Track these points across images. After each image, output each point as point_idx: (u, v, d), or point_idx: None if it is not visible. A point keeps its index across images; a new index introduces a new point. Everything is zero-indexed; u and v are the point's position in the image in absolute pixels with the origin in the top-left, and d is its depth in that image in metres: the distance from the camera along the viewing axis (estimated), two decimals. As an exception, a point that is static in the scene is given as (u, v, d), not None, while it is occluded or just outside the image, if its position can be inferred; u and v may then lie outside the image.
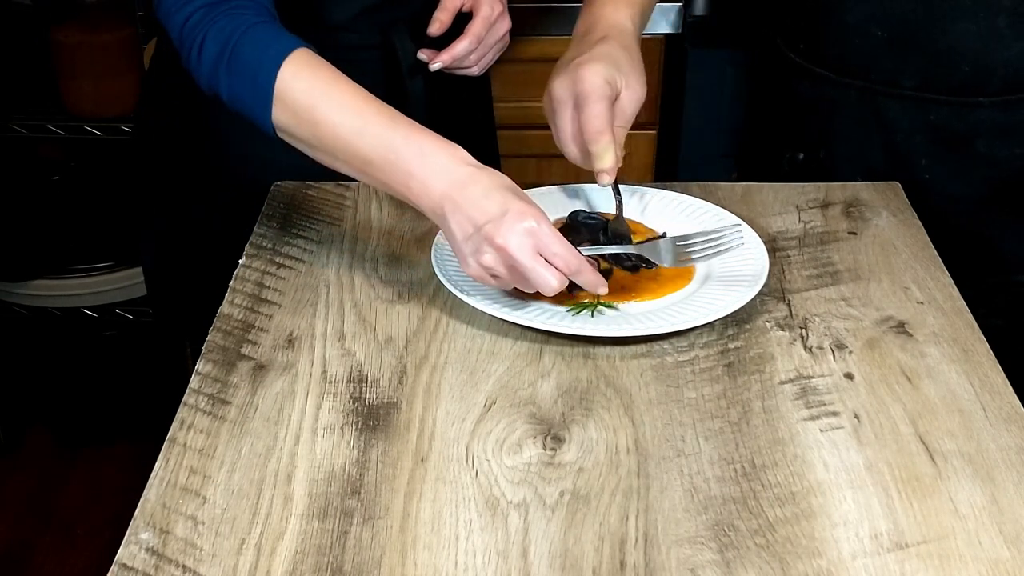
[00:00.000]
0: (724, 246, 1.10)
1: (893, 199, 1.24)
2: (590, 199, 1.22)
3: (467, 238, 0.98)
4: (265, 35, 1.05)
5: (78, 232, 2.35)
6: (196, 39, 1.05)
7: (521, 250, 0.96)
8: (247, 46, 1.04)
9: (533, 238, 0.96)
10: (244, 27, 1.05)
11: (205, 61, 1.05)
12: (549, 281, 0.97)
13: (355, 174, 1.05)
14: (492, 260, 0.98)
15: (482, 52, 1.28)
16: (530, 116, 1.89)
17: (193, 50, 1.06)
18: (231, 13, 1.05)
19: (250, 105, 1.05)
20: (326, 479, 0.87)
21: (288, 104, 1.03)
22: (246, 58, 1.04)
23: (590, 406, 0.95)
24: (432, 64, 1.25)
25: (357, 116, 1.02)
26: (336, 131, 1.02)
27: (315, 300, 1.09)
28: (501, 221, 0.96)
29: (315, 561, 0.80)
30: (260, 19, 1.06)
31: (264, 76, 1.03)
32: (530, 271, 0.97)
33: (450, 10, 1.26)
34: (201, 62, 1.06)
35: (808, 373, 0.98)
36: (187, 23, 1.06)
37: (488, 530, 0.82)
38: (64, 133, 2.23)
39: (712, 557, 0.80)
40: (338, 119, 1.02)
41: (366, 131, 1.02)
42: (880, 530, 0.82)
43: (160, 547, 0.81)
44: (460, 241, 0.99)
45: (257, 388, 0.97)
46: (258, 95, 1.04)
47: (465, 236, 0.99)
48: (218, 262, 1.17)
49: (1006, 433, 0.91)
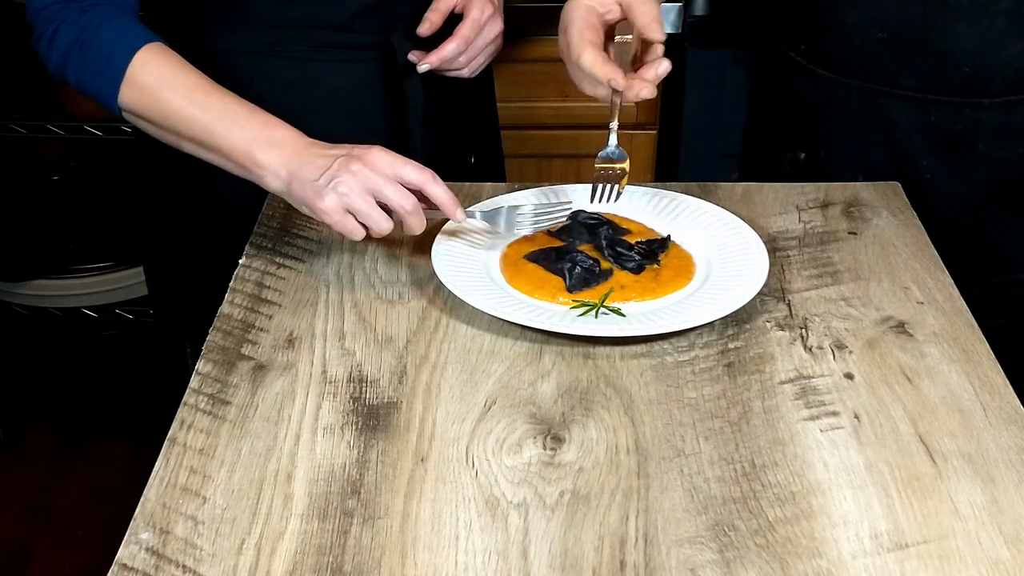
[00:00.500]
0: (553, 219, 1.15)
1: (893, 199, 1.24)
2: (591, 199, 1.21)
3: (322, 172, 1.05)
4: (121, 26, 1.13)
5: (78, 232, 2.35)
6: (48, 28, 1.13)
7: (379, 163, 1.04)
8: (103, 33, 1.12)
9: (391, 156, 1.06)
10: (99, 20, 1.12)
11: (56, 48, 1.13)
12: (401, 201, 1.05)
13: (199, 151, 1.12)
14: (349, 184, 1.04)
15: (472, 54, 1.28)
16: (531, 116, 1.90)
17: (45, 37, 1.14)
18: (86, 11, 1.13)
19: (97, 86, 1.12)
20: (326, 479, 0.87)
21: (137, 85, 1.11)
22: (100, 44, 1.12)
23: (590, 406, 0.95)
24: (420, 65, 1.25)
25: (204, 95, 1.11)
26: (182, 107, 1.10)
27: (315, 300, 1.09)
28: (355, 150, 1.06)
29: (315, 561, 0.80)
30: (116, 13, 1.14)
31: (116, 60, 1.11)
32: (384, 186, 1.04)
33: (441, 11, 1.26)
34: (52, 49, 1.14)
35: (808, 373, 0.98)
36: (44, 11, 1.14)
37: (488, 530, 0.82)
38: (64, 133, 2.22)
39: (712, 557, 0.80)
40: (184, 96, 1.10)
41: (211, 105, 1.10)
42: (880, 530, 0.82)
43: (160, 547, 0.81)
44: (313, 180, 1.05)
45: (257, 388, 0.97)
46: (106, 77, 1.11)
47: (320, 172, 1.05)
48: (218, 262, 1.17)
49: (1006, 433, 0.91)
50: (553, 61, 1.15)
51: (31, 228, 2.35)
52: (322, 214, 1.05)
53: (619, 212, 1.18)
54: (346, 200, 1.04)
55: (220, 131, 1.09)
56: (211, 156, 1.11)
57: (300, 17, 1.24)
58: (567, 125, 1.89)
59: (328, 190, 1.04)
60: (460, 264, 1.10)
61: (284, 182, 1.07)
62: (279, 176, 1.07)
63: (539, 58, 1.82)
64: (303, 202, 1.07)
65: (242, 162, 1.09)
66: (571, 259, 1.08)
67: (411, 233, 1.08)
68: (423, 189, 1.07)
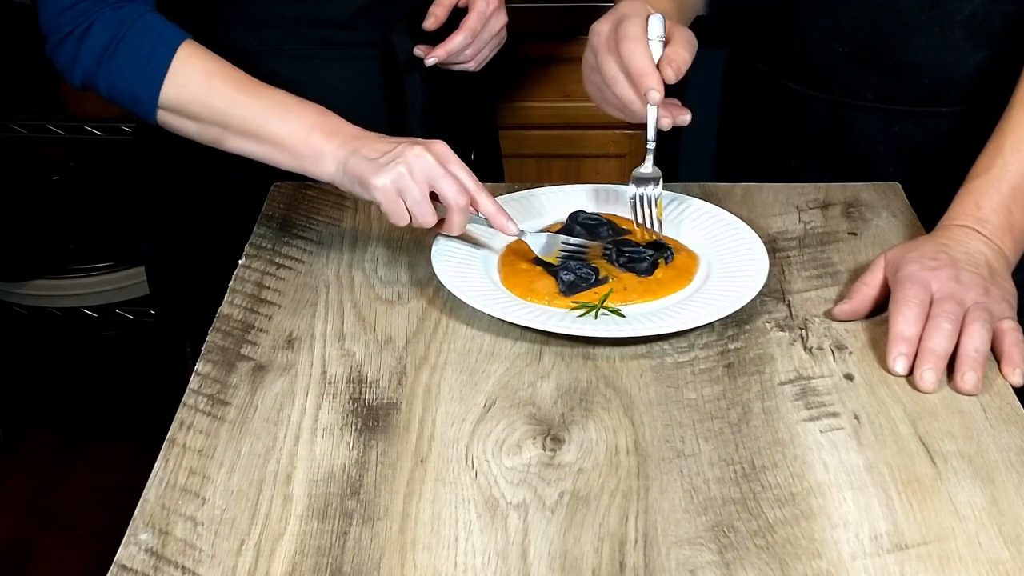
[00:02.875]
0: None
1: (893, 199, 1.24)
2: (590, 199, 1.21)
3: (384, 153, 1.05)
4: (159, 24, 1.12)
5: (78, 232, 2.35)
6: (79, 26, 1.10)
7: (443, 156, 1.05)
8: (141, 31, 1.10)
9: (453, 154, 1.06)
10: (135, 16, 1.11)
11: (88, 48, 1.10)
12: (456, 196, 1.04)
13: (246, 143, 1.11)
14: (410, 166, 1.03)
15: (478, 47, 1.28)
16: (530, 116, 1.90)
17: (72, 36, 1.11)
18: (119, 8, 1.11)
19: (137, 84, 1.11)
20: (325, 480, 0.87)
21: (181, 80, 1.10)
22: (140, 42, 1.10)
23: (590, 407, 0.95)
24: (427, 59, 1.26)
25: (254, 87, 1.11)
26: (234, 99, 1.09)
27: (315, 300, 1.09)
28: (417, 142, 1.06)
29: (314, 562, 0.80)
30: (148, 11, 1.12)
31: (160, 57, 1.09)
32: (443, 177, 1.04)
33: (445, 5, 1.27)
34: (82, 49, 1.10)
35: (808, 374, 0.98)
36: (72, 9, 1.10)
37: (488, 531, 0.82)
38: (64, 133, 2.23)
39: (712, 558, 0.80)
40: (234, 88, 1.10)
41: (262, 96, 1.10)
42: (880, 531, 0.82)
43: (159, 548, 0.81)
44: (373, 159, 1.05)
45: (257, 389, 0.97)
46: (148, 75, 1.10)
47: (381, 153, 1.05)
48: (220, 262, 1.17)
49: (1006, 434, 0.91)
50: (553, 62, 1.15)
51: (31, 228, 2.35)
52: (375, 191, 1.04)
53: (619, 212, 1.18)
54: (402, 182, 1.04)
55: (274, 120, 1.09)
56: (260, 148, 1.11)
57: (300, 15, 1.24)
58: (567, 125, 1.88)
59: (387, 168, 1.04)
60: (460, 264, 1.10)
61: (341, 162, 1.06)
62: (337, 157, 1.07)
63: (538, 58, 1.82)
64: (358, 179, 1.06)
65: (298, 148, 1.08)
66: (565, 265, 1.08)
67: (450, 232, 1.08)
68: (474, 197, 1.07)
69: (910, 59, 1.24)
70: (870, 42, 1.26)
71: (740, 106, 1.49)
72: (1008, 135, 1.09)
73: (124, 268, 2.31)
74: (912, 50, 1.24)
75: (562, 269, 1.07)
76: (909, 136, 1.29)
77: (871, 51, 1.26)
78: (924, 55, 1.24)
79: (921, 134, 1.28)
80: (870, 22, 1.24)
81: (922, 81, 1.25)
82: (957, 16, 1.21)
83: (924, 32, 1.22)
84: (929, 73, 1.25)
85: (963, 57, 1.23)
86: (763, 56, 1.38)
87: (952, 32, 1.22)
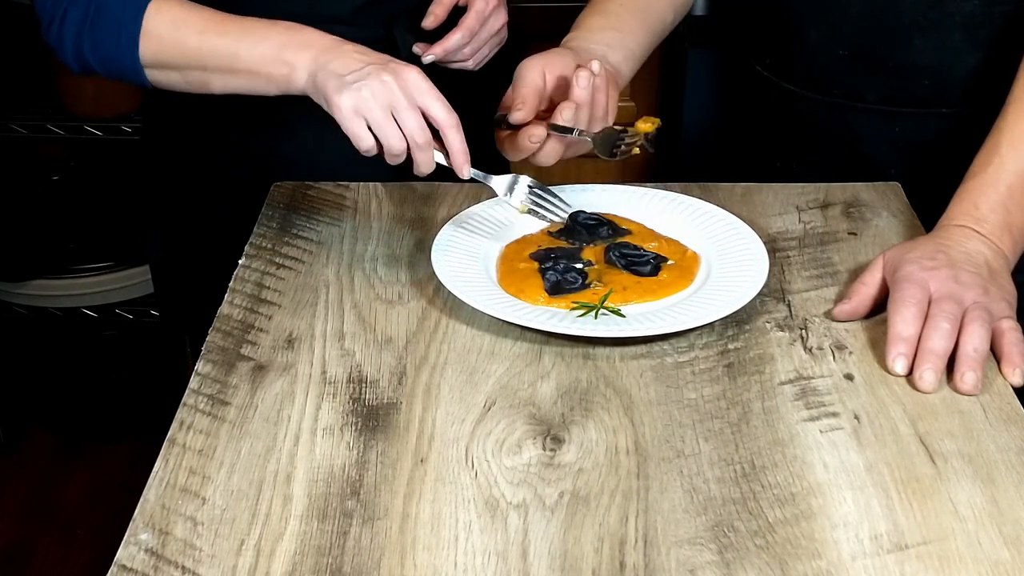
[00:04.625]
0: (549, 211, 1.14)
1: (893, 199, 1.24)
2: (590, 199, 1.21)
3: (351, 71, 1.02)
4: None
5: (78, 232, 2.35)
6: (58, 12, 1.11)
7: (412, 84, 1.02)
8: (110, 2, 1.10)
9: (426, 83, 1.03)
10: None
11: (68, 31, 1.11)
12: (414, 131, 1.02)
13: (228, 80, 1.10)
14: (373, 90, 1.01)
15: (476, 46, 1.28)
16: (530, 116, 1.89)
17: (55, 21, 1.12)
18: None
19: (116, 53, 1.10)
20: (325, 480, 0.87)
21: (153, 35, 1.09)
22: (110, 12, 1.10)
23: (590, 407, 0.95)
24: (425, 57, 1.25)
25: (220, 23, 1.09)
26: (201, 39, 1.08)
27: (315, 300, 1.09)
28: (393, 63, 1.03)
29: (314, 562, 0.80)
30: None
31: (129, 20, 1.09)
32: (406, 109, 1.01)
33: (445, 4, 1.27)
34: (64, 33, 1.11)
35: (808, 374, 0.98)
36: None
37: (488, 531, 0.82)
38: (64, 133, 2.23)
39: (712, 558, 0.80)
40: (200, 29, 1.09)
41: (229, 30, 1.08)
42: (880, 531, 0.82)
43: (159, 548, 0.81)
44: (339, 75, 1.02)
45: (256, 389, 0.97)
46: (124, 40, 1.10)
47: (349, 70, 1.02)
48: (221, 261, 1.17)
49: (1006, 434, 0.91)
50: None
51: (31, 228, 2.35)
52: (335, 109, 1.03)
53: (619, 212, 1.18)
54: (364, 105, 1.02)
55: (244, 49, 1.08)
56: (241, 81, 1.10)
57: (303, 11, 1.24)
58: (567, 125, 1.88)
59: (350, 88, 1.02)
60: (460, 264, 1.10)
61: (311, 75, 1.05)
62: (308, 69, 1.05)
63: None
64: (322, 94, 1.04)
65: (271, 71, 1.07)
66: (551, 265, 1.08)
67: (417, 172, 1.06)
68: (443, 131, 1.04)
69: (910, 60, 1.24)
70: (870, 44, 1.26)
71: (739, 108, 1.49)
72: (1004, 134, 1.09)
73: (124, 268, 2.31)
74: (912, 51, 1.24)
75: (548, 269, 1.07)
76: (910, 137, 1.29)
77: (871, 53, 1.26)
78: (924, 56, 1.24)
79: (922, 135, 1.28)
80: (870, 24, 1.24)
81: (922, 82, 1.25)
82: (957, 17, 1.21)
83: (924, 33, 1.22)
84: (929, 74, 1.25)
85: (963, 58, 1.23)
86: (762, 59, 1.38)
87: (952, 33, 1.22)
